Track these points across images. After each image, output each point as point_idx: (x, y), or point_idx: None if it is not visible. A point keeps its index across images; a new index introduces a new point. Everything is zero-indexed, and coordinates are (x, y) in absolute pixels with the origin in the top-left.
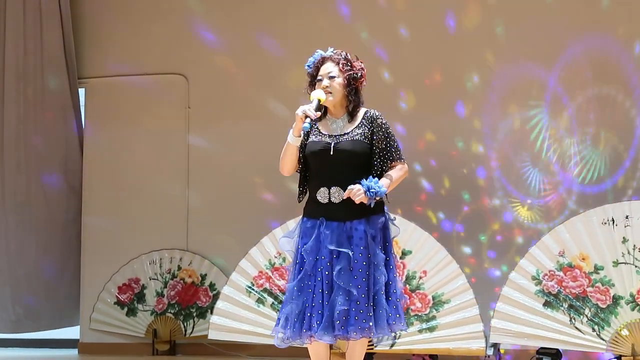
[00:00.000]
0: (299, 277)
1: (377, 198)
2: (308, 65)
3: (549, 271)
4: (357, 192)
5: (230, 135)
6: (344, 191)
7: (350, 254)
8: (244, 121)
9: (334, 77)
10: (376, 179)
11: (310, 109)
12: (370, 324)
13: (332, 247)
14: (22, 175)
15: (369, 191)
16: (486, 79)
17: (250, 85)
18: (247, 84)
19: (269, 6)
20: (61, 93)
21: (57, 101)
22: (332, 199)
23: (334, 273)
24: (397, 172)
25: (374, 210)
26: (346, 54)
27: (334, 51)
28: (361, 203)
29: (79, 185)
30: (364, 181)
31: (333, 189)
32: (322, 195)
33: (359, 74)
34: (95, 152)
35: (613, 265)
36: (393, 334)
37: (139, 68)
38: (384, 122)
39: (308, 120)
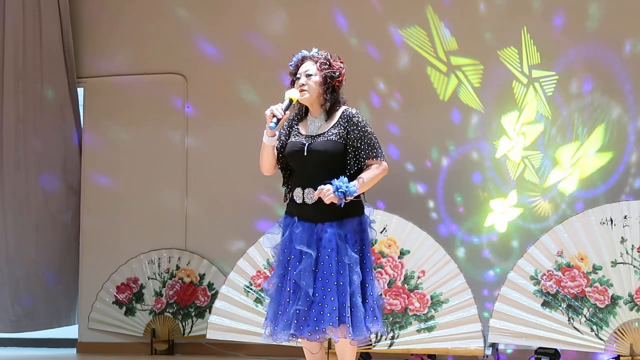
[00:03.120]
0: (275, 275)
1: (348, 198)
2: (291, 65)
3: (548, 271)
4: (326, 192)
5: (229, 135)
6: None
7: (313, 254)
8: (243, 121)
9: (311, 75)
10: (346, 179)
11: (278, 108)
12: (330, 324)
13: (299, 248)
14: (21, 174)
15: (338, 191)
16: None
17: (249, 85)
18: (246, 83)
19: (269, 6)
20: (60, 92)
21: (56, 101)
22: (306, 200)
23: (295, 273)
24: (371, 172)
25: (348, 212)
26: (327, 54)
27: (317, 51)
28: (333, 205)
29: (77, 185)
30: (334, 181)
31: (307, 190)
32: (297, 195)
33: (337, 73)
34: (94, 151)
35: (611, 265)
36: (371, 335)
37: (138, 68)
38: (360, 120)
39: (275, 119)
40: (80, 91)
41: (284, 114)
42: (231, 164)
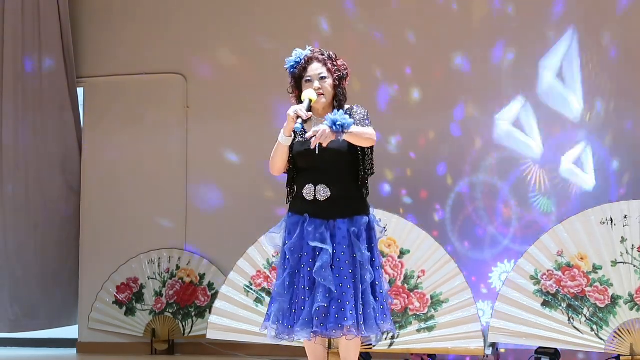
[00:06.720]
0: (284, 274)
1: (346, 132)
2: (292, 66)
3: (548, 271)
4: (322, 133)
5: (229, 135)
6: (330, 190)
7: (331, 250)
8: (243, 120)
9: (325, 78)
10: (342, 111)
11: (302, 109)
12: (352, 322)
13: (313, 244)
14: (21, 174)
15: (335, 125)
16: None
17: (249, 85)
18: (246, 83)
19: (268, 5)
20: (60, 92)
21: (56, 101)
22: (318, 197)
23: (314, 270)
24: (362, 128)
25: (358, 210)
26: (330, 54)
27: (314, 50)
28: (345, 203)
29: (77, 185)
30: (328, 115)
31: (319, 187)
32: (307, 192)
33: (345, 73)
34: (94, 151)
35: (611, 265)
36: (382, 334)
37: (138, 67)
38: (361, 109)
39: (300, 120)
40: (80, 91)
41: (307, 114)
42: (231, 164)
